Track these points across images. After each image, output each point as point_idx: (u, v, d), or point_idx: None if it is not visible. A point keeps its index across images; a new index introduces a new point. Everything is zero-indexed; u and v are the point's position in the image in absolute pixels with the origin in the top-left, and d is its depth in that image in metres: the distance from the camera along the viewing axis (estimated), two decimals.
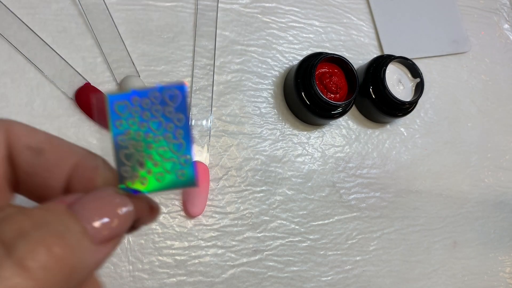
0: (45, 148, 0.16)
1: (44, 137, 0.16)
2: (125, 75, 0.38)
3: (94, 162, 0.16)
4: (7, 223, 0.13)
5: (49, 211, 0.13)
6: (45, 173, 0.16)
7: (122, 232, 0.15)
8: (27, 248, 0.12)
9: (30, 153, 0.16)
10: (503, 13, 0.58)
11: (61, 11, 0.39)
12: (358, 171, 0.45)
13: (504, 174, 0.52)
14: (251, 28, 0.44)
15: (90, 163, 0.16)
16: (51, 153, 0.16)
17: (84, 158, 0.16)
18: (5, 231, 0.12)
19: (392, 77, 0.44)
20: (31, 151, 0.16)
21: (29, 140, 0.16)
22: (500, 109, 0.54)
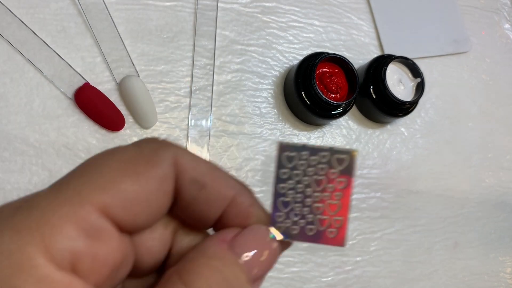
0: (208, 182, 0.16)
1: (206, 169, 0.16)
2: (125, 75, 0.38)
3: (249, 200, 0.17)
4: (200, 278, 0.14)
5: (225, 263, 0.15)
6: (204, 205, 0.17)
7: (271, 268, 0.16)
8: None
9: (194, 186, 0.16)
10: (503, 12, 0.57)
11: (60, 11, 0.38)
12: (358, 171, 0.45)
13: (505, 174, 0.52)
14: (251, 27, 0.44)
15: (245, 199, 0.17)
16: (212, 187, 0.16)
17: (240, 193, 0.17)
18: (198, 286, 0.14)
19: (393, 77, 0.44)
20: (195, 185, 0.16)
21: (194, 173, 0.16)
22: (501, 109, 0.54)
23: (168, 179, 0.15)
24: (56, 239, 0.13)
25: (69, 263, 0.13)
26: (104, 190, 0.14)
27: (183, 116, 0.40)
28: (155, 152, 0.15)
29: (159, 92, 0.40)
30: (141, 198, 0.14)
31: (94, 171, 0.14)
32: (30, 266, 0.12)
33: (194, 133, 0.40)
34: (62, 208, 0.13)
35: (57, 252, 0.12)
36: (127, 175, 0.14)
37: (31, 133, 0.36)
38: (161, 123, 0.39)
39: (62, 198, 0.13)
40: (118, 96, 0.38)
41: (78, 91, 0.36)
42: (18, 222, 0.13)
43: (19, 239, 0.12)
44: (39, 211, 0.13)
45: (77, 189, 0.14)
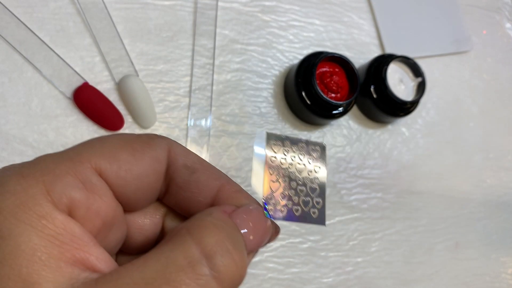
0: (198, 168, 0.18)
1: (197, 159, 0.19)
2: (124, 75, 0.38)
3: (236, 187, 0.19)
4: (209, 233, 0.15)
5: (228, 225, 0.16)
6: (195, 189, 0.18)
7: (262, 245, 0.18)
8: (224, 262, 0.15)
9: (186, 171, 0.18)
10: (505, 12, 0.57)
11: (59, 10, 0.38)
12: (359, 172, 0.45)
13: (506, 175, 0.52)
14: (251, 27, 0.44)
15: (233, 187, 0.19)
16: (202, 173, 0.18)
17: (227, 181, 0.19)
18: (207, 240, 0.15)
19: (394, 76, 0.44)
20: (187, 170, 0.18)
21: (185, 160, 0.18)
22: (502, 108, 0.54)
23: (159, 161, 0.18)
24: (57, 185, 0.14)
25: (66, 207, 0.15)
26: (102, 155, 0.16)
27: (182, 116, 0.40)
28: (151, 138, 0.18)
29: (158, 91, 0.40)
30: (134, 170, 0.17)
31: (97, 142, 0.17)
32: (34, 203, 0.14)
33: (193, 133, 0.40)
34: (63, 163, 0.15)
35: (56, 196, 0.14)
36: (125, 149, 0.17)
37: (30, 133, 0.36)
38: (161, 123, 0.39)
39: (65, 156, 0.16)
40: (117, 95, 0.38)
41: (77, 91, 0.36)
42: (25, 170, 0.15)
43: (25, 182, 0.14)
44: (43, 163, 0.15)
45: (80, 151, 0.16)
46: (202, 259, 0.14)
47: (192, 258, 0.14)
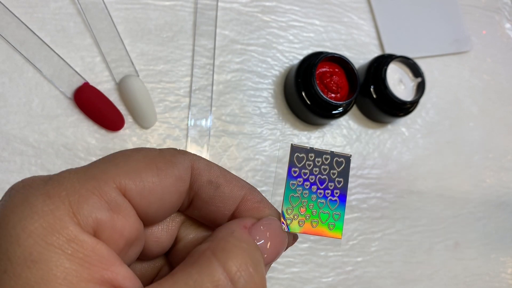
0: (222, 182, 0.19)
1: (219, 172, 0.19)
2: (124, 75, 0.38)
3: (258, 197, 0.20)
4: (233, 257, 0.16)
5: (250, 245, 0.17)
6: (220, 203, 0.19)
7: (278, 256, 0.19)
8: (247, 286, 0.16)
9: (210, 186, 0.19)
10: (504, 12, 0.57)
11: (60, 10, 0.38)
12: (359, 172, 0.45)
13: (506, 175, 0.52)
14: (251, 27, 0.44)
15: (255, 197, 0.20)
16: (226, 187, 0.19)
17: (250, 191, 0.20)
18: (232, 265, 0.15)
19: (393, 76, 0.44)
20: (211, 185, 0.19)
21: (209, 176, 0.19)
22: (502, 108, 0.54)
23: (183, 180, 0.18)
24: (83, 207, 0.15)
25: (92, 229, 0.15)
26: (127, 174, 0.16)
27: (182, 116, 0.40)
28: (174, 155, 0.18)
29: (158, 91, 0.40)
30: (157, 190, 0.17)
31: (121, 159, 0.17)
32: (61, 226, 0.14)
33: (194, 133, 0.40)
34: (89, 182, 0.15)
35: (83, 218, 0.14)
36: (149, 168, 0.17)
37: (30, 133, 0.36)
38: (161, 123, 0.39)
39: (90, 174, 0.16)
40: (117, 95, 0.38)
41: (77, 91, 0.36)
42: (50, 189, 0.15)
43: (51, 203, 0.14)
44: (69, 182, 0.15)
45: (104, 169, 0.16)
46: (228, 283, 0.15)
47: (218, 282, 0.15)
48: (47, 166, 0.36)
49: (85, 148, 0.37)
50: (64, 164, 0.36)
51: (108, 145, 0.37)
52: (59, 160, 0.36)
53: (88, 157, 0.37)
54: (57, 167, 0.36)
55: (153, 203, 0.17)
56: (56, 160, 0.36)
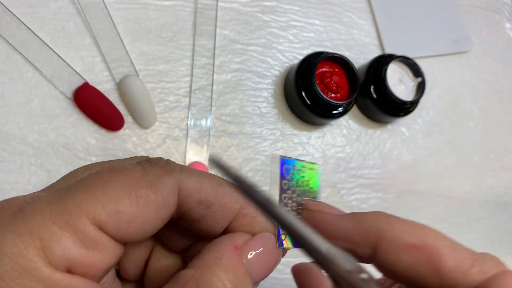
0: (214, 201, 0.18)
1: (211, 189, 0.18)
2: (124, 75, 0.38)
3: (253, 210, 0.18)
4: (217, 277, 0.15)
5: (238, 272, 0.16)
6: (212, 221, 0.18)
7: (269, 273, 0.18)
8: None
9: (201, 206, 0.17)
10: (504, 12, 0.57)
11: (60, 10, 0.38)
12: (359, 172, 0.45)
13: (506, 175, 0.52)
14: (251, 27, 0.44)
15: (250, 210, 0.18)
16: (219, 205, 0.18)
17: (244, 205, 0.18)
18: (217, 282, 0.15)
19: (393, 76, 0.44)
20: (202, 205, 0.17)
21: (200, 195, 0.17)
22: (502, 108, 0.54)
23: (166, 206, 0.16)
24: (54, 246, 0.14)
25: (65, 268, 0.14)
26: (103, 207, 0.15)
27: (182, 116, 0.40)
28: (158, 178, 0.16)
29: (158, 91, 0.40)
30: (137, 221, 0.16)
31: (98, 187, 0.15)
32: (32, 267, 0.13)
33: (193, 133, 0.40)
34: (61, 217, 0.14)
35: (54, 257, 0.14)
36: (128, 197, 0.15)
37: (30, 133, 0.36)
38: (161, 123, 0.39)
39: (63, 207, 0.14)
40: (117, 95, 0.38)
41: (77, 91, 0.36)
42: (20, 225, 0.14)
43: (20, 243, 0.14)
44: (40, 216, 0.14)
45: (78, 202, 0.15)
46: None
47: None
48: (47, 166, 0.36)
49: (85, 148, 0.37)
50: (64, 164, 0.36)
51: (108, 145, 0.37)
52: (59, 160, 0.36)
53: (88, 157, 0.37)
54: (56, 167, 0.36)
55: (131, 233, 0.16)
56: (56, 160, 0.36)
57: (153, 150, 0.39)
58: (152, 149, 0.39)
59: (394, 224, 0.18)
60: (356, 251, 0.19)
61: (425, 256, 0.17)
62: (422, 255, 0.17)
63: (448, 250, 0.17)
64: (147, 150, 0.39)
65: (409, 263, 0.17)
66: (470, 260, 0.17)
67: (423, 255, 0.17)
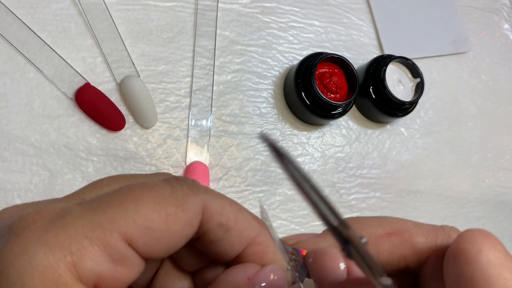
0: (232, 226, 0.18)
1: (232, 213, 0.18)
2: (125, 75, 0.38)
3: (267, 241, 0.19)
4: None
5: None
6: (228, 246, 0.18)
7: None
8: None
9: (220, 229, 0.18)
10: (503, 13, 0.58)
11: (61, 11, 0.39)
12: (358, 171, 0.45)
13: (504, 174, 0.52)
14: (251, 28, 0.44)
15: (264, 239, 0.19)
16: (236, 230, 0.18)
17: (260, 233, 0.19)
18: None
19: (392, 77, 0.44)
20: (221, 228, 0.18)
21: (220, 218, 0.18)
22: (500, 109, 0.54)
23: (191, 225, 0.17)
24: (85, 261, 0.14)
25: (93, 283, 0.14)
26: (135, 224, 0.15)
27: (183, 116, 0.40)
28: (186, 196, 0.17)
29: (159, 92, 0.40)
30: (165, 238, 0.16)
31: (129, 203, 0.16)
32: (61, 283, 0.13)
33: (194, 133, 0.40)
34: (93, 232, 0.14)
35: (84, 272, 0.14)
36: (158, 214, 0.16)
37: (32, 133, 0.36)
38: (161, 123, 0.40)
39: (96, 222, 0.15)
40: (118, 96, 0.39)
41: (78, 91, 0.37)
42: (52, 238, 0.14)
43: (51, 256, 0.14)
44: (72, 230, 0.14)
45: (111, 217, 0.15)
46: None
47: None
48: (49, 166, 0.36)
49: (86, 148, 0.37)
50: (65, 164, 0.36)
51: (109, 145, 0.38)
52: (60, 160, 0.36)
53: (89, 157, 0.37)
54: (58, 167, 0.36)
55: (158, 249, 0.16)
56: (58, 160, 0.36)
57: (154, 150, 0.39)
58: (153, 149, 0.39)
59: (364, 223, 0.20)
60: None
61: (400, 239, 0.19)
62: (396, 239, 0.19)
63: (414, 228, 0.19)
64: (148, 150, 0.39)
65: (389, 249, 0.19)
66: (433, 231, 0.19)
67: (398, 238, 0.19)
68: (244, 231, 0.18)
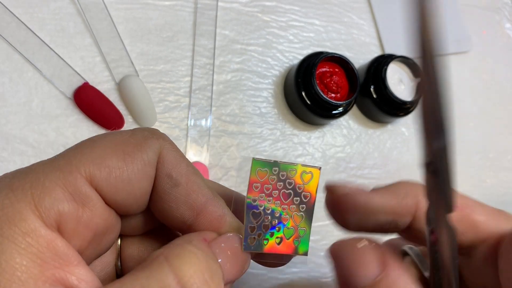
0: (182, 182, 0.17)
1: (185, 171, 0.17)
2: (124, 75, 0.38)
3: (220, 209, 0.18)
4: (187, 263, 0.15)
5: (207, 255, 0.16)
6: (173, 203, 0.17)
7: (240, 276, 0.18)
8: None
9: (168, 181, 0.17)
10: (504, 12, 0.57)
11: (60, 10, 0.38)
12: (359, 172, 0.45)
13: (506, 175, 0.52)
14: (251, 27, 0.44)
15: (217, 208, 0.18)
16: (185, 188, 0.17)
17: (211, 202, 0.18)
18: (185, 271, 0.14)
19: (393, 76, 0.44)
20: (169, 180, 0.17)
21: (171, 170, 0.17)
22: (502, 109, 0.54)
23: (151, 165, 0.17)
24: (45, 199, 0.14)
25: (55, 222, 0.14)
26: (92, 163, 0.15)
27: (182, 116, 0.40)
28: (145, 139, 0.17)
29: (158, 91, 0.40)
30: (124, 175, 0.16)
31: (87, 147, 0.16)
32: (20, 219, 0.14)
33: (193, 133, 0.40)
34: (53, 173, 0.15)
35: (45, 211, 0.14)
36: (115, 154, 0.16)
37: (30, 133, 0.36)
38: (161, 123, 0.39)
39: (56, 165, 0.15)
40: (117, 95, 0.38)
41: (77, 91, 0.36)
42: (15, 181, 0.15)
43: (13, 196, 0.14)
44: (34, 174, 0.15)
45: (70, 159, 0.15)
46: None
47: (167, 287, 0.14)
48: None
49: None
50: None
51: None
52: None
53: None
54: None
55: (121, 189, 0.16)
56: None
57: None
58: None
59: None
60: (397, 221, 0.19)
61: (461, 214, 0.18)
62: (457, 214, 0.17)
63: (477, 206, 0.19)
64: None
65: None
66: (496, 213, 0.19)
67: (458, 214, 0.18)
68: (193, 194, 0.17)
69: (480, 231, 0.18)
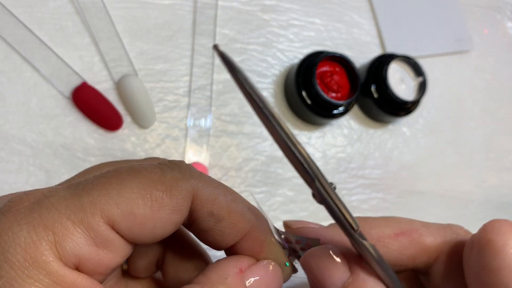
0: (225, 216, 0.17)
1: (225, 203, 0.17)
2: (123, 74, 0.38)
3: (263, 234, 0.18)
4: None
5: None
6: (219, 236, 0.18)
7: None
8: None
9: (211, 219, 0.17)
10: (506, 11, 0.57)
11: (58, 9, 0.38)
12: (360, 172, 0.45)
13: (507, 175, 0.51)
14: (251, 26, 0.44)
15: (260, 233, 0.18)
16: (228, 221, 0.17)
17: (255, 227, 0.18)
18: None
19: (394, 76, 0.44)
20: (212, 217, 0.17)
21: (212, 207, 0.17)
22: (503, 108, 0.53)
23: (179, 212, 0.16)
24: (66, 242, 0.14)
25: (74, 264, 0.15)
26: (117, 208, 0.15)
27: (182, 116, 0.40)
28: (175, 182, 0.16)
29: (157, 91, 0.40)
30: (149, 223, 0.16)
31: (114, 186, 0.15)
32: (42, 260, 0.14)
33: (193, 133, 0.40)
34: (76, 214, 0.15)
35: (65, 254, 0.14)
36: (142, 199, 0.15)
37: (28, 133, 0.36)
38: (160, 123, 0.39)
39: (79, 205, 0.15)
40: (116, 95, 0.38)
41: (75, 91, 0.36)
42: (36, 218, 0.14)
43: (35, 235, 0.14)
44: (56, 211, 0.14)
45: (94, 200, 0.15)
46: None
47: None
48: (45, 166, 0.36)
49: (84, 148, 0.37)
50: (62, 164, 0.36)
51: (106, 145, 0.37)
52: (57, 160, 0.36)
53: (86, 157, 0.36)
54: (55, 167, 0.36)
55: (143, 235, 0.16)
56: (55, 160, 0.36)
57: (152, 150, 0.38)
58: (151, 149, 0.38)
59: (372, 223, 0.19)
60: None
61: (409, 239, 0.19)
62: (405, 239, 0.19)
63: (423, 228, 0.19)
64: (146, 150, 0.38)
65: (398, 250, 0.19)
66: (442, 230, 0.19)
67: (407, 239, 0.19)
68: (238, 224, 0.18)
69: (431, 251, 0.19)
